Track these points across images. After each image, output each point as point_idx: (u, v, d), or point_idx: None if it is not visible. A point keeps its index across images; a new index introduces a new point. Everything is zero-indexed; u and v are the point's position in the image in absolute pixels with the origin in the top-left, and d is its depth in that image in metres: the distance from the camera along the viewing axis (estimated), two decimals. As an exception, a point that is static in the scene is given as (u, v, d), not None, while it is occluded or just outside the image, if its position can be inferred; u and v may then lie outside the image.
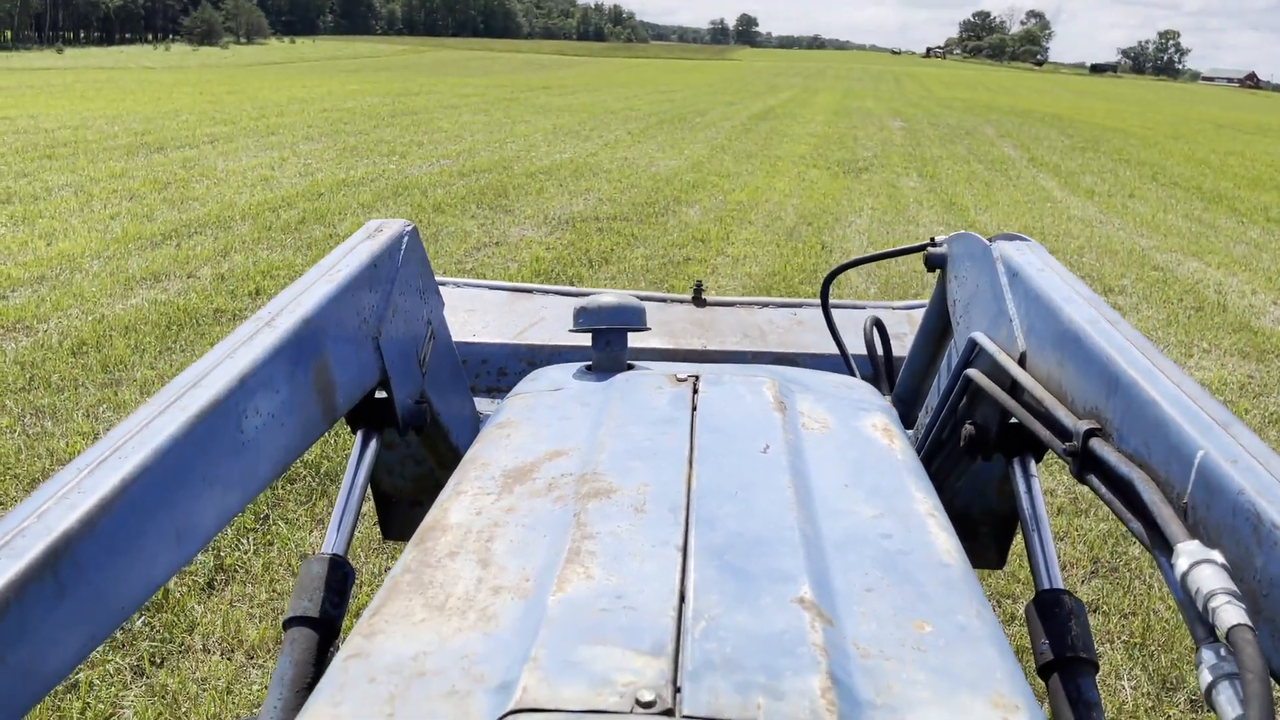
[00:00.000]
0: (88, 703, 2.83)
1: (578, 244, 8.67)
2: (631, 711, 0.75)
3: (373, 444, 1.59)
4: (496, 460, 1.27)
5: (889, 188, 12.84)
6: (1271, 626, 0.93)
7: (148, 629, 3.17)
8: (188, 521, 1.08)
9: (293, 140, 14.71)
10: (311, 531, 3.82)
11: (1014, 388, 1.47)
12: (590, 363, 1.63)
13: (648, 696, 0.76)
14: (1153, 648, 3.32)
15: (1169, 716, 2.99)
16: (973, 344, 1.62)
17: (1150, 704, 3.05)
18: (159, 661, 3.05)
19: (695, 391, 1.45)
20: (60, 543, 0.90)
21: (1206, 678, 0.91)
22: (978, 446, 1.60)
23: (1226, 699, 0.88)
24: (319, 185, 11.00)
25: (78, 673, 2.92)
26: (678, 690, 0.78)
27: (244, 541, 3.71)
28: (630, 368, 1.60)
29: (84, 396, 4.90)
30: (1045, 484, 4.38)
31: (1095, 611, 3.55)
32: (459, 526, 1.09)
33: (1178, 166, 16.90)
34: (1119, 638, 3.39)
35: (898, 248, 2.09)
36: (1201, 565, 0.94)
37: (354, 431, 1.62)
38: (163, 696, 2.89)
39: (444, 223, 9.37)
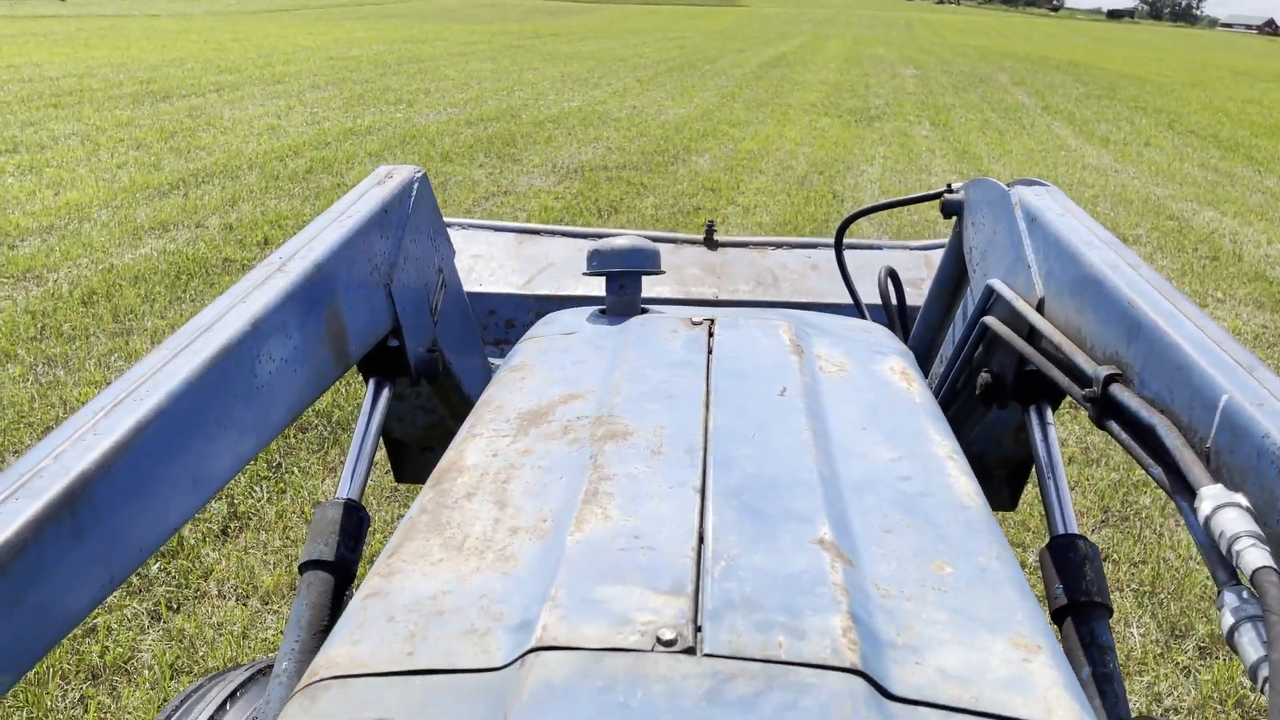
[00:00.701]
0: (106, 646, 2.86)
1: (587, 193, 8.61)
2: (653, 650, 0.74)
3: (385, 392, 1.59)
4: (511, 403, 1.26)
5: (901, 136, 12.70)
6: None
7: (163, 575, 3.21)
8: (202, 466, 1.08)
9: (299, 89, 14.58)
10: (324, 479, 3.84)
11: (1031, 334, 1.45)
12: (604, 306, 1.61)
13: (669, 635, 0.75)
14: (1162, 595, 3.33)
15: (1178, 663, 3.01)
16: (990, 291, 1.59)
17: (1160, 650, 3.07)
18: (175, 607, 3.08)
19: (711, 335, 1.43)
20: (78, 484, 0.91)
21: (1229, 620, 0.90)
22: (994, 395, 1.58)
23: (1249, 640, 0.88)
24: (326, 134, 10.92)
25: (95, 617, 2.95)
26: (698, 629, 0.77)
27: (257, 489, 3.73)
28: (644, 311, 1.59)
29: (95, 346, 4.91)
30: (1057, 433, 4.37)
31: (1106, 560, 3.56)
32: (475, 468, 1.08)
33: (1195, 114, 16.66)
34: (1129, 586, 3.40)
35: (913, 196, 2.07)
36: (1225, 508, 0.93)
37: (366, 380, 1.61)
38: (179, 640, 2.92)
39: (452, 172, 9.31)
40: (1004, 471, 2.01)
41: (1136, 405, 1.15)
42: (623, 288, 1.57)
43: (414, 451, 2.17)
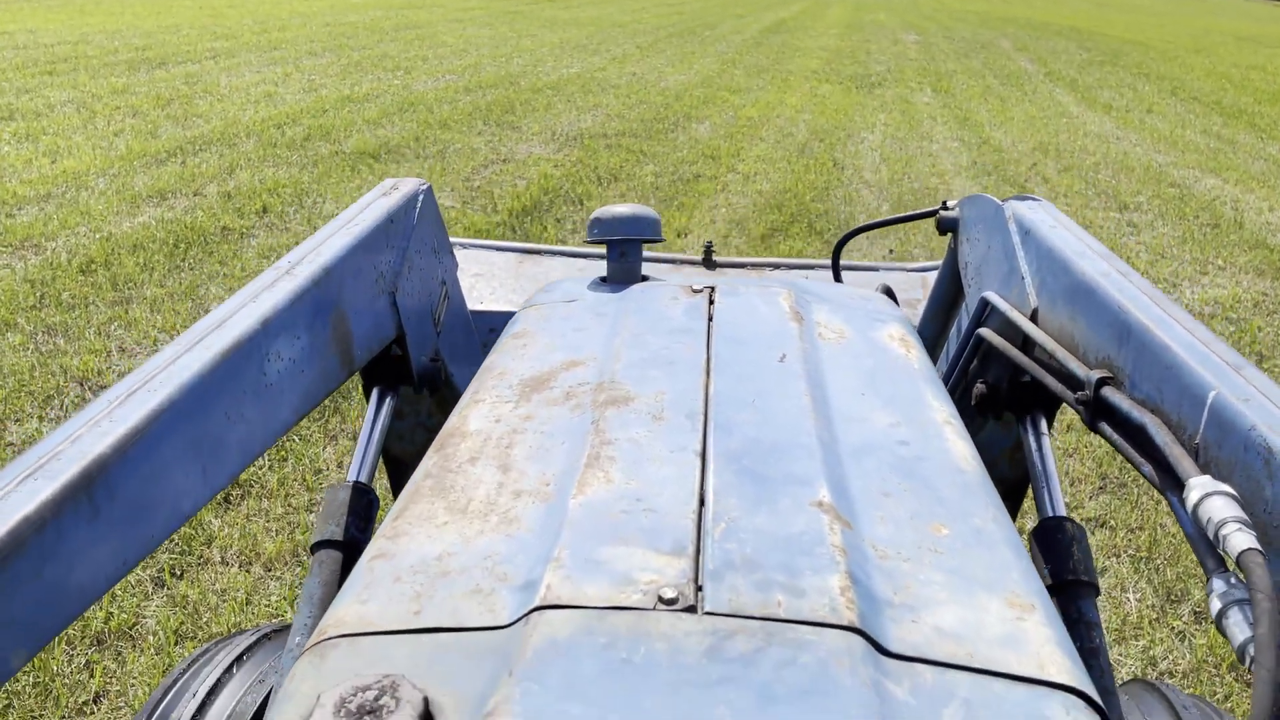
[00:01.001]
0: (110, 612, 2.89)
1: (586, 161, 8.57)
2: (654, 608, 0.75)
3: (388, 401, 1.63)
4: (513, 369, 1.27)
5: (902, 103, 12.62)
6: None
7: (167, 542, 3.23)
8: (213, 457, 1.12)
9: (296, 55, 14.47)
10: (325, 447, 3.85)
11: (1025, 344, 1.48)
12: (604, 274, 1.62)
13: (670, 594, 0.77)
14: (1158, 561, 3.36)
15: (1173, 628, 3.04)
16: (984, 303, 1.62)
17: (1155, 615, 3.10)
18: (179, 573, 3.11)
19: (711, 302, 1.44)
20: (94, 467, 0.94)
21: (1217, 605, 0.93)
22: (989, 405, 1.62)
23: (1236, 623, 0.90)
24: (323, 101, 10.85)
25: (100, 583, 2.98)
26: (699, 589, 0.78)
27: (259, 458, 3.74)
28: (645, 279, 1.59)
29: (95, 314, 4.91)
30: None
31: (1103, 526, 3.59)
32: (478, 433, 1.10)
33: (1198, 81, 16.55)
34: (1125, 552, 3.43)
35: (909, 213, 2.11)
36: (1213, 496, 0.96)
37: (368, 390, 1.66)
38: (183, 606, 2.95)
39: (450, 139, 9.26)
40: (1000, 490, 2.05)
41: (1127, 406, 1.18)
42: (623, 255, 1.58)
43: (413, 469, 2.20)
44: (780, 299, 1.44)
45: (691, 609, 0.76)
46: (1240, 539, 0.90)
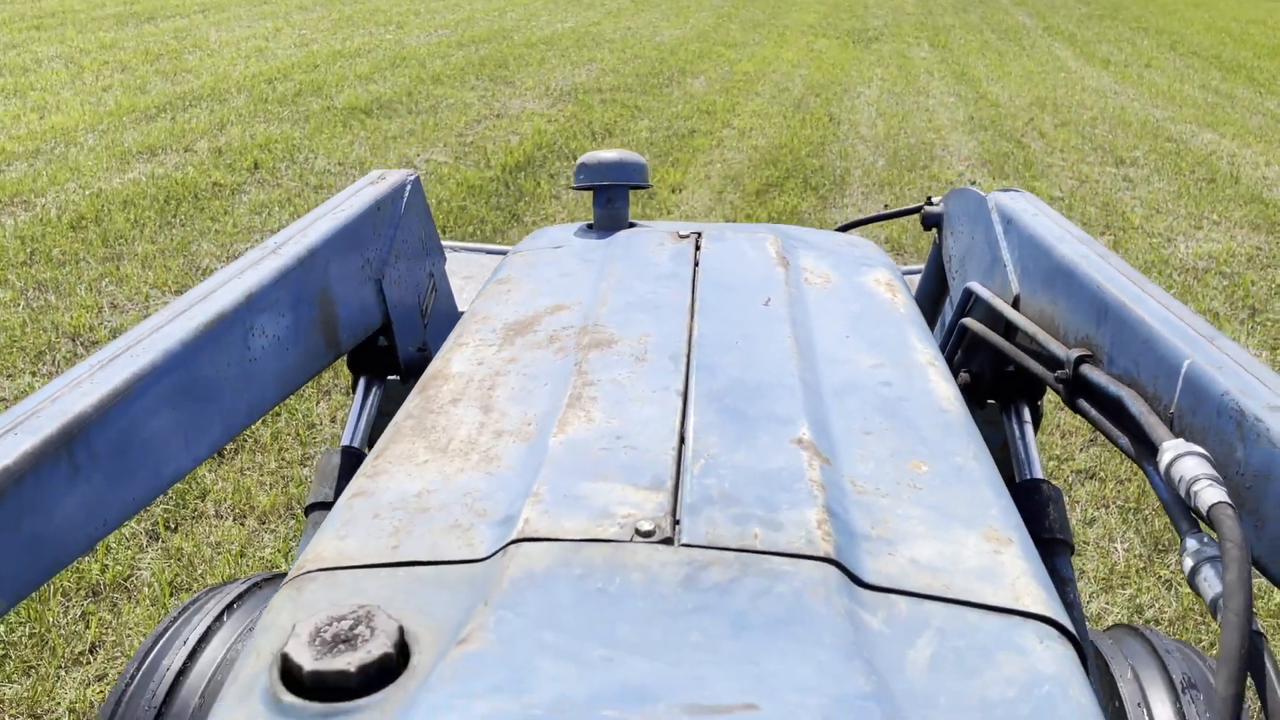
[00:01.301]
0: (105, 564, 2.91)
1: (580, 116, 8.50)
2: (631, 540, 0.76)
3: (375, 392, 1.65)
4: (497, 314, 1.26)
5: (899, 58, 12.50)
6: (1255, 517, 0.97)
7: (161, 496, 3.24)
8: (196, 427, 1.13)
9: (286, 9, 14.28)
10: (318, 403, 3.85)
11: (1008, 330, 1.51)
12: (591, 222, 1.61)
13: (647, 526, 0.77)
14: (1146, 512, 3.39)
15: (1160, 576, 3.07)
16: (968, 294, 1.65)
17: (1142, 565, 3.13)
18: (173, 527, 3.12)
19: (698, 248, 1.43)
20: (74, 425, 0.95)
21: (1189, 563, 0.95)
22: (972, 394, 1.64)
23: (1207, 579, 0.92)
24: (315, 57, 10.73)
25: (95, 536, 3.00)
26: (677, 523, 0.79)
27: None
28: (632, 226, 1.59)
29: (85, 270, 4.89)
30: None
31: (1092, 478, 3.61)
32: (461, 376, 1.09)
33: (1197, 35, 16.39)
34: (1114, 503, 3.45)
35: (895, 210, 2.13)
36: (1185, 457, 0.98)
37: (355, 380, 1.67)
38: (178, 559, 2.97)
39: (443, 95, 9.17)
40: None
41: (1105, 382, 1.21)
42: (610, 201, 1.57)
43: None
44: (767, 244, 1.44)
45: (668, 541, 0.76)
46: (1211, 494, 0.92)
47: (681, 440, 0.92)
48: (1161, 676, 1.43)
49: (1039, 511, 1.36)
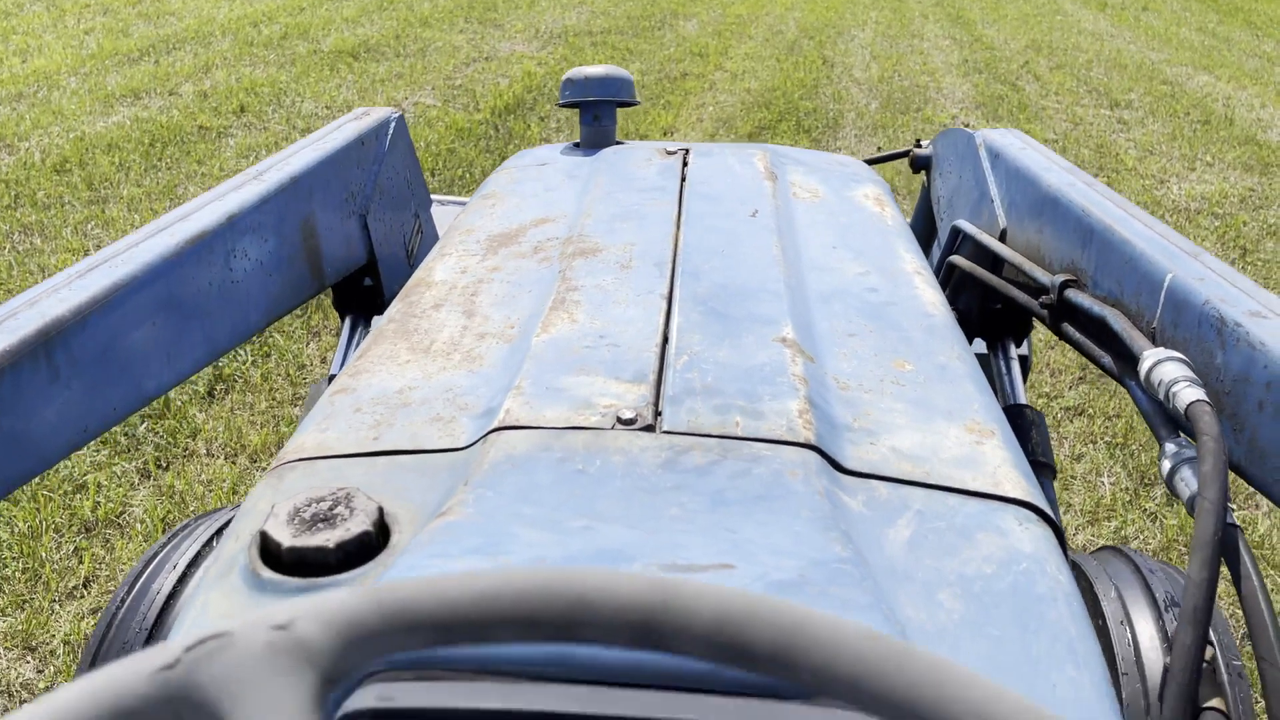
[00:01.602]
0: (97, 501, 2.91)
1: (570, 59, 8.39)
2: (612, 428, 0.76)
3: (361, 331, 1.66)
4: (482, 227, 1.25)
5: (894, 1, 12.34)
6: (1234, 421, 0.97)
7: (151, 434, 3.24)
8: (178, 343, 1.14)
9: (270, -47, 13.99)
10: (308, 344, 3.84)
11: (995, 264, 1.52)
12: (578, 141, 1.59)
13: (628, 415, 0.77)
14: (1133, 447, 3.41)
15: (1145, 509, 3.10)
16: (956, 232, 1.65)
17: (1128, 498, 3.15)
18: (165, 465, 3.12)
19: (685, 164, 1.42)
20: (53, 328, 0.95)
21: (1167, 466, 0.96)
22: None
23: (1184, 480, 0.93)
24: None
25: (85, 474, 3.00)
26: (659, 413, 0.79)
27: (241, 353, 3.73)
28: (619, 144, 1.57)
29: (71, 214, 4.84)
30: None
31: (1080, 415, 3.63)
32: (444, 283, 1.09)
33: (1195, -22, 16.18)
34: (1102, 439, 3.47)
35: (885, 154, 2.14)
36: (1165, 362, 0.99)
37: (341, 319, 1.68)
38: (170, 496, 2.97)
39: (431, 38, 9.04)
40: None
41: (1089, 303, 1.22)
42: (597, 119, 1.55)
43: None
44: (755, 160, 1.42)
45: (649, 428, 0.76)
46: (1189, 393, 0.93)
47: (665, 340, 0.92)
48: (1144, 595, 1.44)
49: (1023, 436, 1.38)
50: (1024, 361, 1.69)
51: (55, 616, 2.53)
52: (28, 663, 2.41)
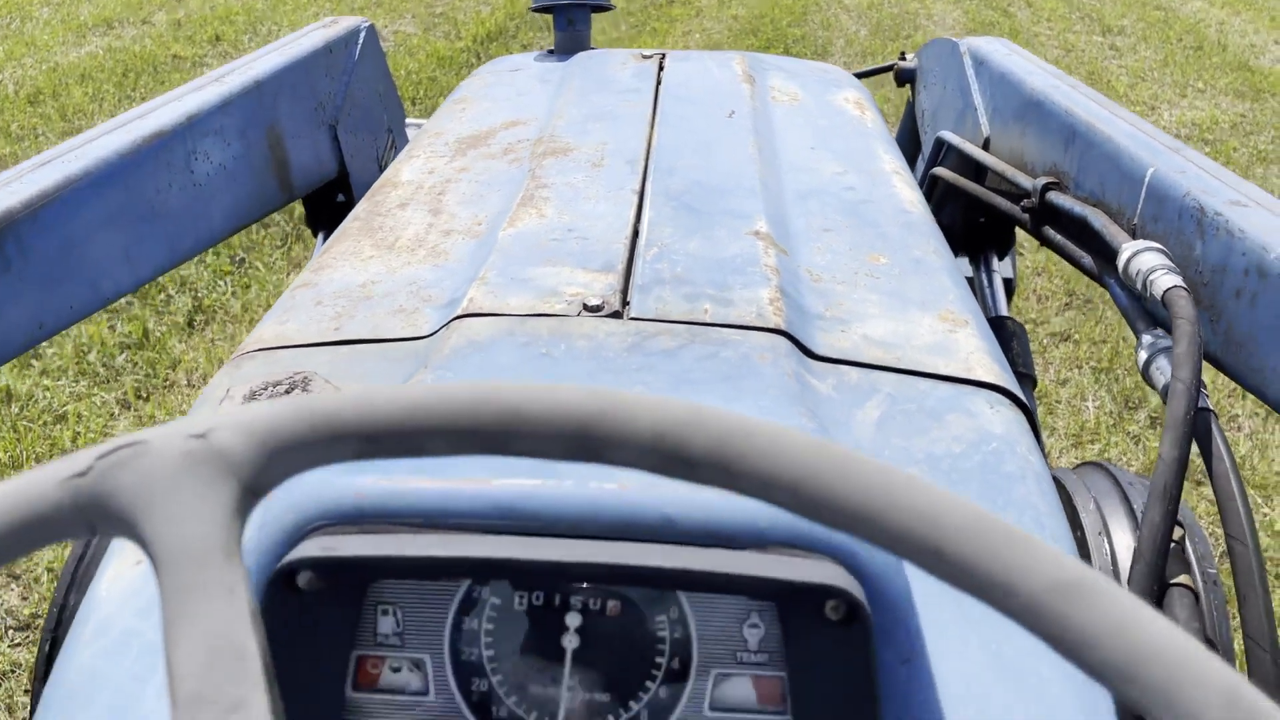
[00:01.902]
0: (77, 431, 2.89)
1: (554, -13, 8.21)
2: (578, 314, 0.74)
3: None
4: (451, 130, 1.22)
5: (884, -74, 12.09)
6: (1211, 312, 0.96)
7: (130, 365, 3.21)
8: (138, 244, 1.11)
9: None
10: (288, 274, 3.80)
11: (978, 174, 1.49)
12: (552, 48, 1.55)
13: (595, 302, 0.75)
14: (1118, 372, 3.41)
15: (1129, 432, 3.11)
16: (939, 144, 1.62)
17: (1112, 422, 3.16)
18: (144, 396, 3.10)
19: (661, 69, 1.39)
20: (3, 220, 0.92)
21: (1143, 356, 0.96)
22: None
23: (1159, 369, 0.93)
24: (276, -73, 10.27)
25: (64, 405, 2.98)
26: (626, 302, 0.77)
27: (221, 284, 3.70)
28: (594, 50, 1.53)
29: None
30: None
31: (1066, 340, 3.63)
32: (410, 183, 1.06)
33: (1191, -97, 15.90)
34: (1087, 364, 3.47)
35: (868, 69, 2.10)
36: (1143, 253, 0.98)
37: (315, 235, 1.66)
38: (150, 426, 2.95)
39: (411, -35, 8.83)
40: None
41: (1070, 204, 1.20)
42: (571, 23, 1.51)
43: None
44: (733, 63, 1.39)
45: (616, 315, 0.74)
46: (1166, 280, 0.92)
47: (636, 234, 0.89)
48: (1123, 507, 1.45)
49: (1004, 347, 1.38)
50: (1009, 284, 1.68)
51: (38, 544, 2.52)
52: (12, 590, 2.42)
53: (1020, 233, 1.66)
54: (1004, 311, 1.51)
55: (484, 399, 0.31)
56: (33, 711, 0.62)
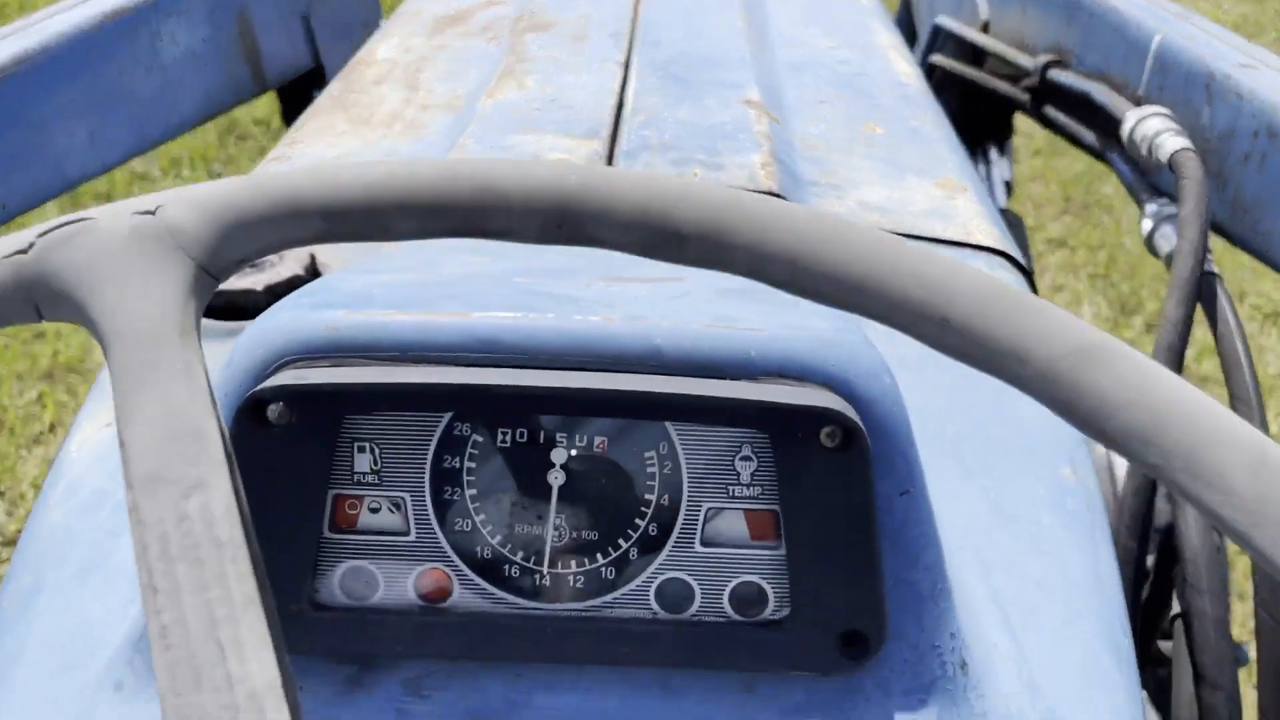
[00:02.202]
0: (58, 349, 2.86)
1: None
2: None
3: None
4: (428, 9, 1.17)
5: None
6: (1219, 179, 0.94)
7: (68, 193, 3.17)
8: (101, 127, 1.08)
9: None
10: (272, 188, 3.74)
11: (977, 59, 1.44)
12: None
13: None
14: (1115, 277, 3.39)
15: (1124, 336, 3.09)
16: (936, 31, 1.56)
17: (1109, 327, 3.14)
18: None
19: None
20: None
21: (1148, 225, 0.93)
22: None
23: (1164, 235, 0.90)
24: None
25: (41, 325, 2.94)
26: (611, 165, 0.73)
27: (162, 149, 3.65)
28: None
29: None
30: (1022, 126, 4.27)
31: (1063, 246, 3.59)
32: (386, 61, 1.02)
33: None
34: (1084, 270, 3.44)
35: None
36: (1149, 118, 0.94)
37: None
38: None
39: None
40: None
41: (1072, 80, 1.17)
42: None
43: None
44: None
45: None
46: (1173, 142, 0.89)
47: (621, 103, 0.85)
48: None
49: None
50: (1007, 187, 1.65)
51: (23, 462, 2.51)
52: (-1, 506, 2.41)
53: (1017, 149, 1.62)
54: (1002, 203, 1.48)
55: (455, 174, 0.28)
56: None
